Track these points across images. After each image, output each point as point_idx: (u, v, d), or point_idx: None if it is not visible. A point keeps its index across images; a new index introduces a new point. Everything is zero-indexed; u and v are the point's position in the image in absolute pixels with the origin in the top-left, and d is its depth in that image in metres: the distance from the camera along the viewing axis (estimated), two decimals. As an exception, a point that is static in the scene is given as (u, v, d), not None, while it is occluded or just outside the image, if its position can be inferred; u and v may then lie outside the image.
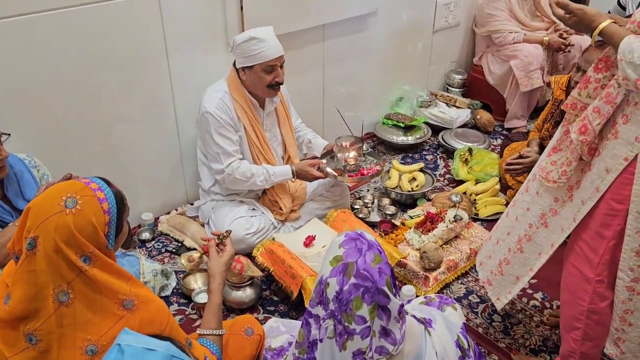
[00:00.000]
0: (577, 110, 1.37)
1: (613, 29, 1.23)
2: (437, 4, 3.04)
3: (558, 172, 1.40)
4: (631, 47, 1.15)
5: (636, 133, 1.24)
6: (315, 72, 2.68)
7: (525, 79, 2.95)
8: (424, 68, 3.23)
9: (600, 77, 1.30)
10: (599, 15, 1.28)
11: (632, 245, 1.30)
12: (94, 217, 1.04)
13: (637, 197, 1.26)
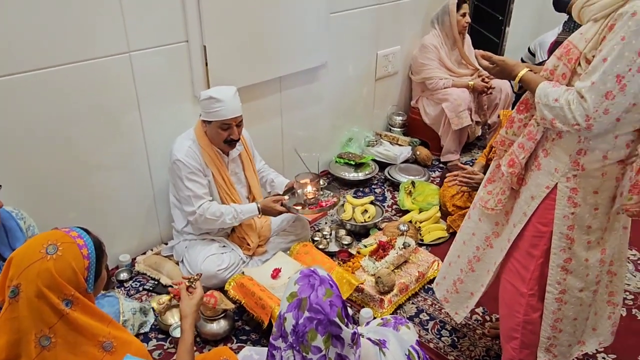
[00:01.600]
0: (506, 146, 1.45)
1: (530, 76, 1.33)
2: (377, 55, 3.16)
3: (494, 201, 1.48)
4: (546, 91, 1.24)
5: (555, 165, 1.33)
6: (275, 119, 2.72)
7: (455, 118, 3.09)
8: (369, 111, 3.33)
9: (522, 117, 1.40)
10: (518, 65, 1.38)
11: (557, 262, 1.38)
12: (74, 261, 1.02)
13: (558, 220, 1.35)
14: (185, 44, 2.15)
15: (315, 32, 2.63)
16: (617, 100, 1.13)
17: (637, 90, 1.13)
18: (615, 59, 1.11)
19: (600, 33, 1.16)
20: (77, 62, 1.85)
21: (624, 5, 1.11)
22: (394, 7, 3.12)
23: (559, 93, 1.20)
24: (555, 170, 1.32)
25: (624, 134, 1.23)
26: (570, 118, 1.18)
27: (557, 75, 1.26)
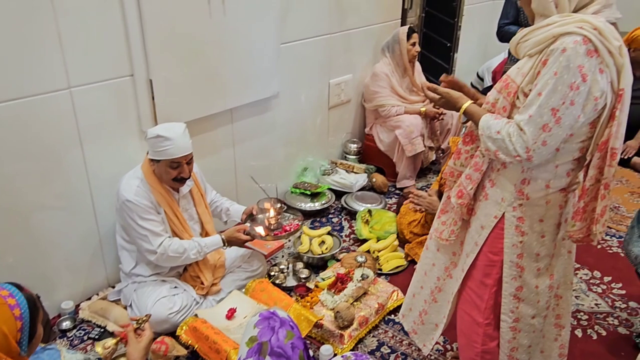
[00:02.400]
0: (455, 177, 1.50)
1: (473, 109, 1.38)
2: (330, 84, 3.22)
3: (448, 232, 1.51)
4: (488, 124, 1.29)
5: (501, 195, 1.38)
6: (227, 150, 2.70)
7: (409, 145, 3.16)
8: (324, 140, 3.37)
9: (469, 149, 1.45)
10: (462, 97, 1.43)
11: (509, 290, 1.41)
12: (5, 325, 0.96)
13: (508, 248, 1.39)
14: (130, 78, 2.12)
15: (266, 63, 2.66)
16: (553, 132, 1.19)
17: (572, 122, 1.19)
18: (550, 93, 1.17)
19: (535, 68, 1.22)
20: (12, 100, 1.78)
21: (554, 42, 1.18)
22: (345, 36, 3.20)
23: (500, 125, 1.26)
24: (501, 200, 1.37)
25: (564, 163, 1.29)
26: (512, 150, 1.23)
27: (498, 108, 1.32)
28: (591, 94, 1.17)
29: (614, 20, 1.22)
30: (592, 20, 1.16)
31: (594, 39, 1.14)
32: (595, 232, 1.28)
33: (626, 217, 3.04)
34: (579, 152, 1.28)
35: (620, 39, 1.19)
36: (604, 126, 1.23)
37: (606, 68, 1.17)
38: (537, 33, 1.23)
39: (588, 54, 1.15)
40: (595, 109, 1.20)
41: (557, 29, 1.18)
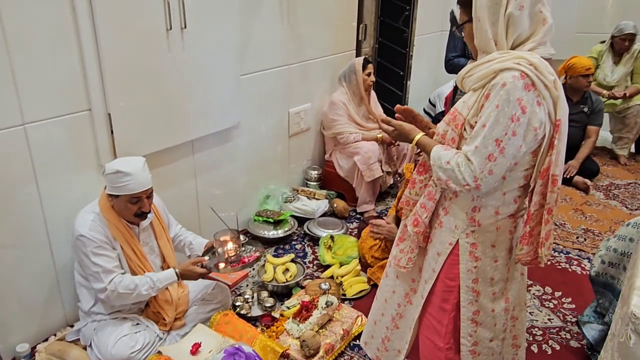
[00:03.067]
0: (411, 206, 1.53)
1: (425, 140, 1.43)
2: (289, 113, 3.25)
3: (406, 259, 1.54)
4: (439, 154, 1.34)
5: (455, 222, 1.42)
6: (189, 181, 2.66)
7: (367, 170, 3.22)
8: (285, 167, 3.38)
9: (422, 179, 1.49)
10: (414, 130, 1.48)
11: (467, 314, 1.45)
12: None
13: (463, 274, 1.43)
14: (88, 112, 2.07)
15: (227, 94, 2.66)
16: (499, 162, 1.25)
17: (515, 152, 1.26)
18: (493, 125, 1.24)
19: (479, 101, 1.29)
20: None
21: (495, 77, 1.25)
22: (302, 67, 3.25)
23: (450, 156, 1.31)
24: (455, 227, 1.41)
25: (510, 190, 1.35)
26: (461, 179, 1.28)
27: (448, 139, 1.37)
28: (531, 125, 1.24)
29: (548, 56, 1.30)
30: (528, 56, 1.23)
31: (531, 74, 1.21)
32: (542, 255, 1.34)
33: (571, 234, 3.18)
34: (523, 179, 1.35)
35: (554, 74, 1.27)
36: (544, 155, 1.30)
37: (543, 100, 1.24)
38: (479, 69, 1.29)
39: (526, 87, 1.21)
40: (535, 139, 1.27)
41: (497, 65, 1.25)
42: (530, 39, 1.28)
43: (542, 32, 1.28)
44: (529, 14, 1.26)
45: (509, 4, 1.25)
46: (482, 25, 1.30)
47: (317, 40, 3.32)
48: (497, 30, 1.28)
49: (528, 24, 1.27)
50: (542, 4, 1.27)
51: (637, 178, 4.03)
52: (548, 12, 1.28)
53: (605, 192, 3.77)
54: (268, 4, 2.84)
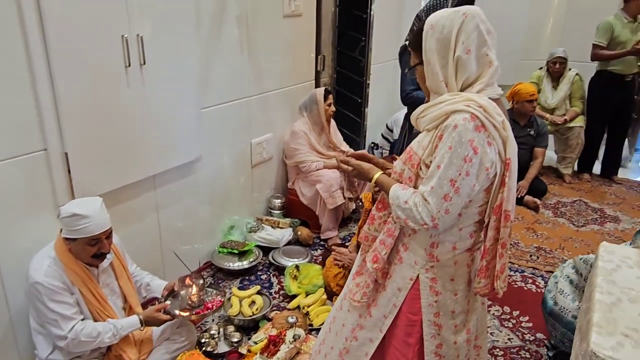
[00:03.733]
0: (370, 242, 1.53)
1: (383, 179, 1.45)
2: (251, 144, 3.23)
3: (360, 293, 1.53)
4: (397, 194, 1.36)
5: (414, 258, 1.43)
6: (150, 216, 2.59)
7: (330, 198, 3.23)
8: (248, 197, 3.35)
9: (382, 215, 1.49)
10: (372, 169, 1.49)
11: (430, 348, 1.46)
12: None
13: (425, 308, 1.44)
14: (44, 152, 1.99)
15: (188, 128, 2.63)
16: (454, 201, 1.28)
17: (469, 191, 1.29)
18: (447, 166, 1.26)
19: (433, 142, 1.32)
20: None
21: (447, 119, 1.28)
22: (263, 98, 3.26)
23: (407, 195, 1.33)
24: (415, 263, 1.43)
25: (467, 226, 1.38)
26: (419, 219, 1.30)
27: (405, 178, 1.39)
28: (483, 165, 1.28)
29: (496, 96, 1.35)
30: (477, 99, 1.28)
31: (480, 115, 1.25)
32: (498, 287, 1.37)
33: (525, 252, 3.28)
34: (478, 215, 1.38)
35: (502, 114, 1.31)
36: (496, 192, 1.34)
37: (493, 141, 1.28)
38: (432, 110, 1.33)
39: (476, 129, 1.25)
40: (487, 178, 1.31)
41: (448, 106, 1.28)
42: (478, 80, 1.33)
43: (489, 74, 1.33)
44: (476, 57, 1.31)
45: (457, 48, 1.29)
46: (432, 68, 1.34)
47: (277, 72, 3.34)
48: (447, 72, 1.32)
49: (475, 66, 1.31)
50: (487, 47, 1.31)
51: (581, 196, 4.22)
52: (493, 55, 1.33)
53: (553, 210, 3.93)
54: (228, 37, 2.85)
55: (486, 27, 1.32)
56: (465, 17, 1.29)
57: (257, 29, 3.05)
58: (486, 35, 1.31)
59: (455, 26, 1.29)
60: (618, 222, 3.73)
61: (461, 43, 1.29)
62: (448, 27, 1.30)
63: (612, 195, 4.25)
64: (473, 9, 1.32)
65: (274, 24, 3.21)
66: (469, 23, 1.29)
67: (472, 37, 1.29)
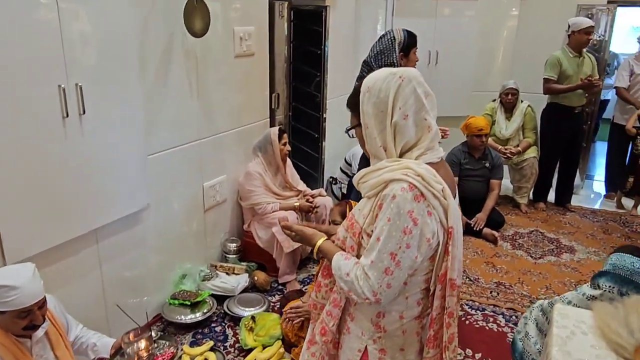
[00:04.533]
0: (318, 310, 1.48)
1: (326, 247, 1.40)
2: (204, 187, 3.15)
3: None
4: (339, 264, 1.31)
5: (361, 329, 1.38)
6: (93, 272, 2.45)
7: (286, 241, 3.16)
8: (201, 243, 3.24)
9: (327, 282, 1.45)
10: (315, 234, 1.45)
11: None
12: None
13: None
14: (-31, 215, 1.86)
15: (132, 177, 2.53)
16: (395, 275, 1.24)
17: (411, 263, 1.25)
18: (386, 239, 1.22)
19: (374, 211, 1.27)
20: None
21: (386, 187, 1.24)
22: (215, 139, 3.20)
23: (349, 267, 1.29)
24: (362, 334, 1.38)
25: (413, 294, 1.35)
26: (361, 293, 1.25)
27: (347, 246, 1.35)
28: (424, 236, 1.24)
29: (437, 160, 1.33)
30: (415, 167, 1.24)
31: (419, 184, 1.21)
32: (447, 358, 1.33)
33: (485, 289, 3.30)
34: (424, 283, 1.35)
35: (442, 182, 1.28)
36: (440, 261, 1.30)
37: (434, 210, 1.24)
38: (372, 176, 1.29)
39: (415, 199, 1.21)
40: (430, 248, 1.27)
41: (387, 174, 1.25)
42: (417, 144, 1.30)
43: (428, 138, 1.30)
44: (414, 122, 1.28)
45: (394, 113, 1.26)
46: (370, 133, 1.31)
47: (229, 112, 3.29)
48: (385, 137, 1.29)
49: (414, 131, 1.29)
50: (425, 112, 1.29)
51: (537, 225, 4.32)
52: (432, 119, 1.31)
53: (511, 242, 4.00)
54: (176, 81, 2.79)
55: (424, 89, 1.30)
56: (401, 81, 1.27)
57: (207, 70, 3.01)
58: (424, 99, 1.29)
59: (391, 90, 1.27)
60: (574, 253, 3.82)
61: (398, 108, 1.26)
62: (384, 91, 1.27)
63: (567, 224, 4.37)
64: (410, 71, 1.30)
65: (225, 64, 3.17)
66: (405, 87, 1.27)
67: (409, 102, 1.27)
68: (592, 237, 4.11)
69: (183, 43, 2.78)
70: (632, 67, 4.57)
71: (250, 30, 3.32)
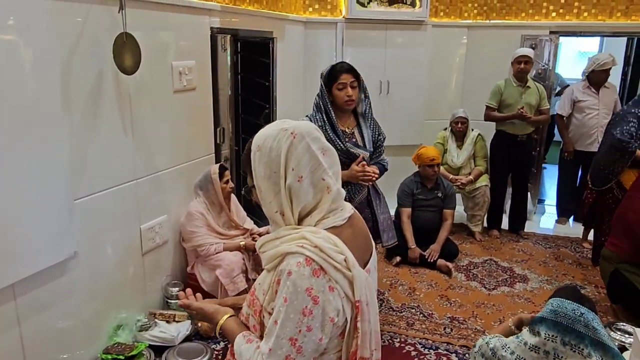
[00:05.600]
0: None
1: (228, 326, 1.29)
2: (141, 230, 3.00)
3: None
4: (240, 349, 1.20)
5: None
6: (10, 333, 2.24)
7: (231, 284, 3.04)
8: (140, 288, 3.07)
9: None
10: (217, 312, 1.34)
11: None
12: None
13: None
14: None
15: (56, 224, 2.36)
16: None
17: (315, 346, 1.13)
18: (284, 322, 1.11)
19: (273, 286, 1.16)
20: None
21: (282, 261, 1.13)
22: (154, 178, 3.06)
23: (250, 353, 1.18)
24: None
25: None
26: None
27: (251, 325, 1.25)
28: (326, 315, 1.12)
29: (340, 223, 1.21)
30: (312, 237, 1.13)
31: (316, 257, 1.10)
32: None
33: (439, 325, 3.25)
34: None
35: (344, 251, 1.15)
36: (350, 338, 1.20)
37: (336, 285, 1.12)
38: (270, 247, 1.18)
39: (314, 274, 1.10)
40: (336, 327, 1.16)
41: (283, 246, 1.14)
42: (317, 208, 1.19)
43: (328, 200, 1.19)
44: (311, 184, 1.18)
45: (287, 176, 1.16)
46: (265, 197, 1.20)
47: (170, 149, 3.17)
48: (281, 202, 1.18)
49: (312, 193, 1.18)
50: (323, 171, 1.19)
51: (491, 254, 4.34)
52: (332, 179, 1.21)
53: (465, 272, 3.98)
54: (107, 120, 2.65)
55: (320, 145, 1.19)
56: (293, 138, 1.17)
57: (143, 107, 2.90)
58: (320, 157, 1.18)
59: (283, 149, 1.16)
60: (527, 282, 3.84)
61: (291, 169, 1.16)
62: (276, 150, 1.17)
63: (520, 251, 4.41)
64: (303, 126, 1.20)
65: (164, 100, 3.07)
66: (297, 145, 1.17)
67: (303, 161, 1.16)
68: (545, 264, 4.16)
69: (115, 79, 2.66)
70: (576, 96, 4.69)
71: (191, 65, 3.24)
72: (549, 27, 5.03)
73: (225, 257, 3.09)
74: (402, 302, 3.50)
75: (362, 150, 2.86)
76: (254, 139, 1.23)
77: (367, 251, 1.28)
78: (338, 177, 1.26)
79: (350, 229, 1.24)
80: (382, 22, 4.86)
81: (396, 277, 3.88)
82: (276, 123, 1.24)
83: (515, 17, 5.18)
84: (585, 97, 4.63)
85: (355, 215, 1.30)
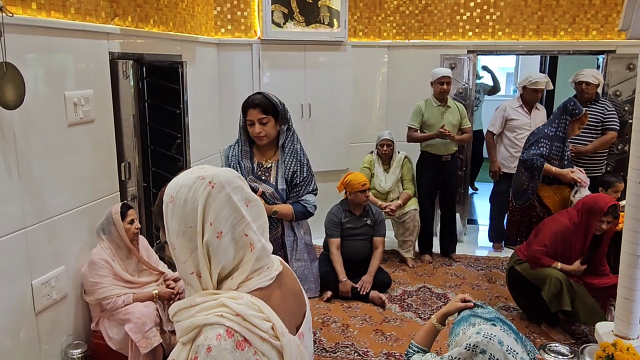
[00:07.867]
0: None
1: None
2: (32, 286, 2.76)
3: None
4: None
5: None
6: None
7: (143, 340, 2.87)
8: (34, 354, 2.81)
9: None
10: None
11: None
12: None
13: None
14: None
15: None
16: None
17: None
18: None
19: None
20: None
21: (200, 335, 1.06)
22: (48, 225, 2.85)
23: None
24: None
25: None
26: None
27: None
28: None
29: (268, 283, 1.16)
30: (233, 304, 1.07)
31: (239, 328, 1.05)
32: None
33: (374, 363, 3.27)
34: None
35: (271, 318, 1.10)
36: None
37: (263, 357, 1.07)
38: (185, 315, 1.10)
39: (237, 346, 1.04)
40: None
41: (199, 316, 1.07)
42: (239, 268, 1.13)
43: (251, 260, 1.13)
44: (232, 240, 1.12)
45: (205, 231, 1.10)
46: (179, 256, 1.12)
47: (66, 190, 2.98)
48: (197, 261, 1.11)
49: (232, 251, 1.12)
50: (246, 225, 1.13)
51: (425, 280, 4.47)
52: (256, 234, 1.15)
53: (399, 303, 4.06)
54: (-15, 163, 2.45)
55: (243, 196, 1.14)
56: (212, 188, 1.11)
57: (32, 144, 2.71)
58: (243, 209, 1.13)
59: (199, 200, 1.10)
60: (460, 307, 3.98)
61: (209, 224, 1.09)
62: (191, 202, 1.10)
63: (452, 275, 4.59)
64: (223, 174, 1.14)
65: (57, 135, 2.89)
66: (216, 196, 1.11)
67: (222, 215, 1.10)
68: (478, 287, 4.34)
69: (-7, 115, 2.47)
70: (508, 114, 4.90)
71: (88, 94, 3.10)
72: (467, 47, 5.38)
73: (135, 309, 2.93)
74: (336, 341, 3.50)
75: (266, 185, 2.86)
76: (166, 188, 1.16)
77: (300, 312, 1.23)
78: (264, 232, 1.20)
79: (279, 290, 1.18)
80: (300, 43, 4.95)
81: (328, 314, 3.87)
82: (192, 170, 1.17)
83: (434, 37, 5.50)
84: (518, 115, 4.84)
85: (284, 272, 1.24)
